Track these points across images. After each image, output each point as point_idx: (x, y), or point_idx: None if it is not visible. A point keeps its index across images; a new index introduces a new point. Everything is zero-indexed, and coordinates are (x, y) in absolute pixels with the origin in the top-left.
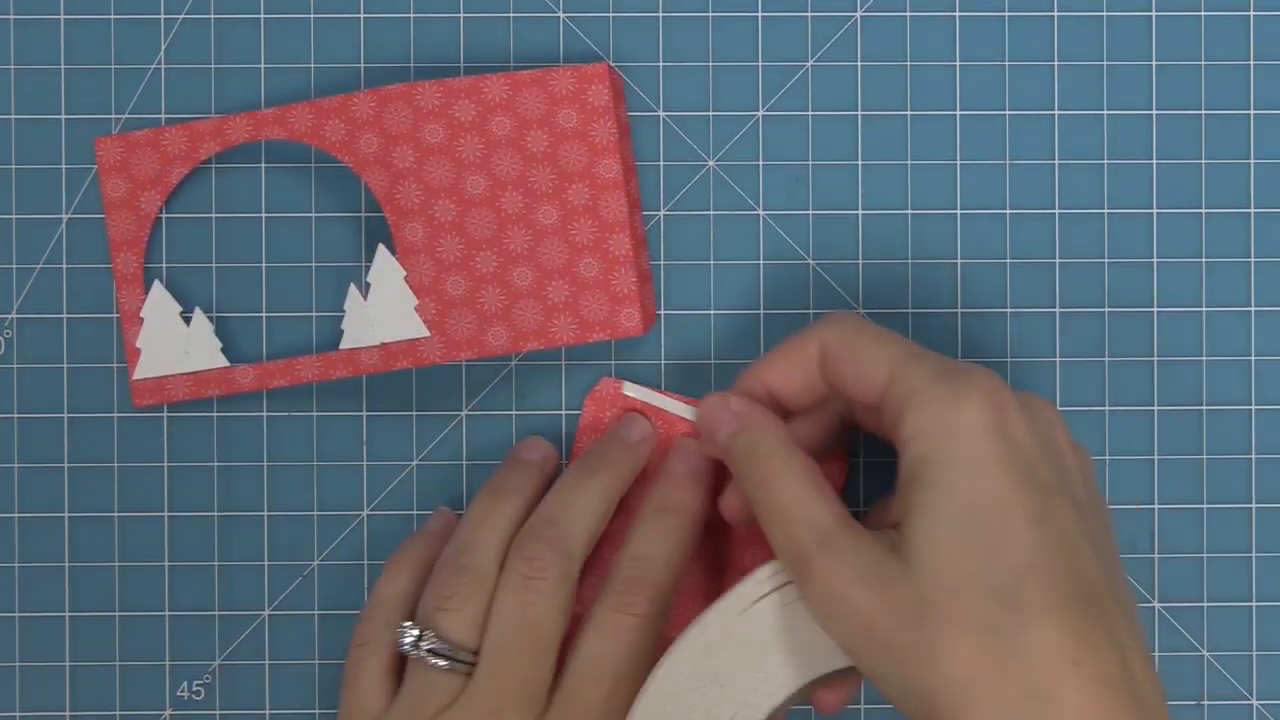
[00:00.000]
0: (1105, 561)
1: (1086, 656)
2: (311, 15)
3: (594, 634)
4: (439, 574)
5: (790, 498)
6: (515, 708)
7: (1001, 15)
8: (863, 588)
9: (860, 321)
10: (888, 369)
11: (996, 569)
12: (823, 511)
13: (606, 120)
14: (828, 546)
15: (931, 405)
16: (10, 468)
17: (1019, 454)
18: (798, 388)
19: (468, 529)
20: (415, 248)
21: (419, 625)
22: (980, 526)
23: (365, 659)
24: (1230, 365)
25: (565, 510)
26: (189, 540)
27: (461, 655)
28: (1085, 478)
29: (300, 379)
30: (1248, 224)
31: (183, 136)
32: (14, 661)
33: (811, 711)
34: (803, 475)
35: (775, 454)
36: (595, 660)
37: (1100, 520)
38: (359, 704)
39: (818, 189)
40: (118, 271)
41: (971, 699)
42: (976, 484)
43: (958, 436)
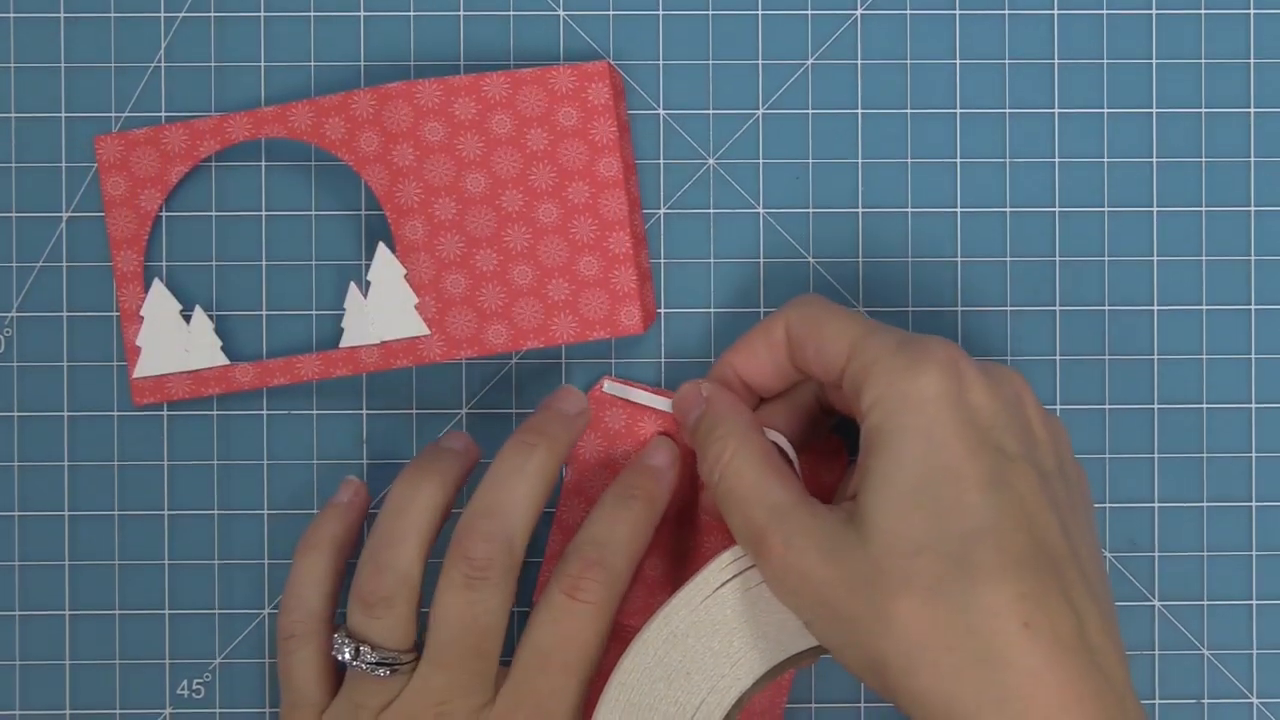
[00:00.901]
0: (1069, 529)
1: (1038, 619)
2: (311, 13)
3: (544, 621)
4: (361, 574)
5: (746, 479)
6: (462, 698)
7: (1001, 14)
8: (818, 561)
9: (823, 302)
10: (848, 344)
11: (947, 534)
12: (778, 491)
13: (607, 118)
14: (783, 523)
15: (888, 376)
16: (10, 466)
17: (976, 421)
18: (768, 373)
19: (387, 520)
20: (415, 246)
21: (352, 638)
22: (932, 493)
23: (295, 651)
24: (1230, 364)
25: (502, 498)
26: (189, 539)
27: (401, 659)
28: (1056, 448)
29: (300, 377)
30: (1248, 222)
31: (183, 134)
32: (14, 660)
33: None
34: (758, 457)
35: (731, 435)
36: (544, 649)
37: (1070, 489)
38: (300, 697)
39: (818, 187)
40: (118, 270)
41: (922, 663)
42: (930, 452)
43: (912, 406)
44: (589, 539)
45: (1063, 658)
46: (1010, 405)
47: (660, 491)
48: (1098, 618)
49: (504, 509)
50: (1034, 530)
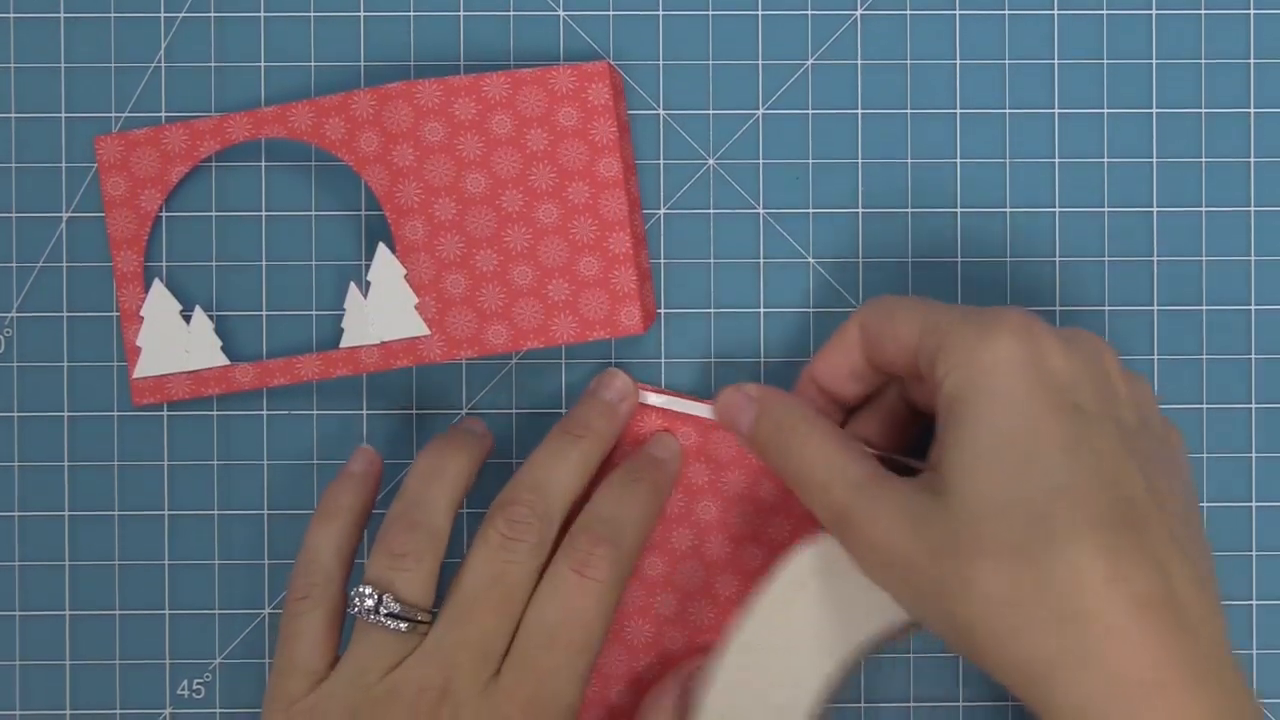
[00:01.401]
0: (1155, 484)
1: (1120, 576)
2: (311, 14)
3: (550, 596)
4: (390, 530)
5: (820, 461)
6: (472, 664)
7: (1001, 14)
8: (900, 531)
9: (894, 296)
10: (919, 324)
11: (1027, 495)
12: (854, 468)
13: (607, 119)
14: (864, 498)
15: (962, 344)
16: (10, 466)
17: (1053, 382)
18: (846, 377)
19: (418, 483)
20: (415, 246)
21: (374, 587)
22: (1011, 455)
23: (305, 613)
24: (1230, 364)
25: (547, 475)
26: (189, 539)
27: (419, 616)
28: (1139, 404)
29: (300, 377)
30: (1248, 222)
31: (183, 135)
32: (14, 660)
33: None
34: (828, 437)
35: (797, 425)
36: (550, 626)
37: (1157, 445)
38: (299, 660)
39: (818, 187)
40: (118, 270)
41: (1007, 626)
42: (1007, 414)
43: (987, 370)
44: (597, 517)
45: (1145, 613)
46: (1089, 364)
47: (665, 480)
48: (1186, 572)
49: (546, 487)
50: (1116, 487)
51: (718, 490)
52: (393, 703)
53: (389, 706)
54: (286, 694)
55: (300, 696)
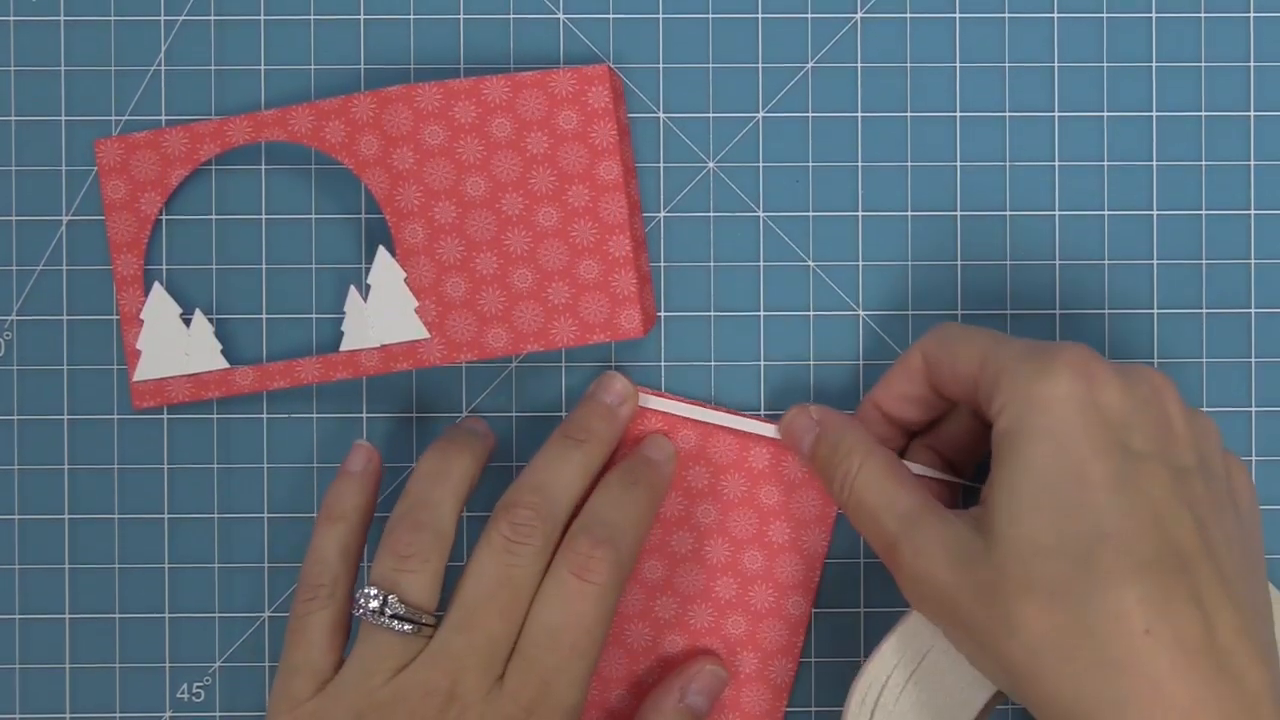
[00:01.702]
0: (1206, 526)
1: (1160, 623)
2: (311, 16)
3: (552, 599)
4: (395, 531)
5: (873, 490)
6: (478, 668)
7: (1001, 16)
8: (946, 566)
9: (958, 324)
10: (979, 355)
11: (1071, 537)
12: (905, 499)
13: (607, 122)
14: (912, 531)
15: (1016, 380)
16: (10, 470)
17: (1106, 421)
18: (910, 404)
19: (422, 484)
20: (415, 249)
21: (379, 588)
22: (1057, 495)
23: (313, 613)
24: (1230, 367)
25: (550, 478)
26: (189, 542)
27: (424, 619)
28: (1198, 444)
29: (300, 380)
30: (1248, 225)
31: (183, 138)
32: (14, 664)
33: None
34: (882, 467)
35: (854, 451)
36: (552, 628)
37: (1213, 485)
38: (305, 661)
39: (818, 190)
40: (118, 273)
41: (1045, 668)
42: (1057, 453)
43: (1040, 408)
44: (595, 519)
45: (1185, 662)
46: (1145, 403)
47: (661, 482)
48: (1232, 619)
49: (550, 489)
50: (1162, 530)
51: (718, 494)
52: (398, 706)
53: (394, 710)
54: (291, 695)
55: (305, 698)
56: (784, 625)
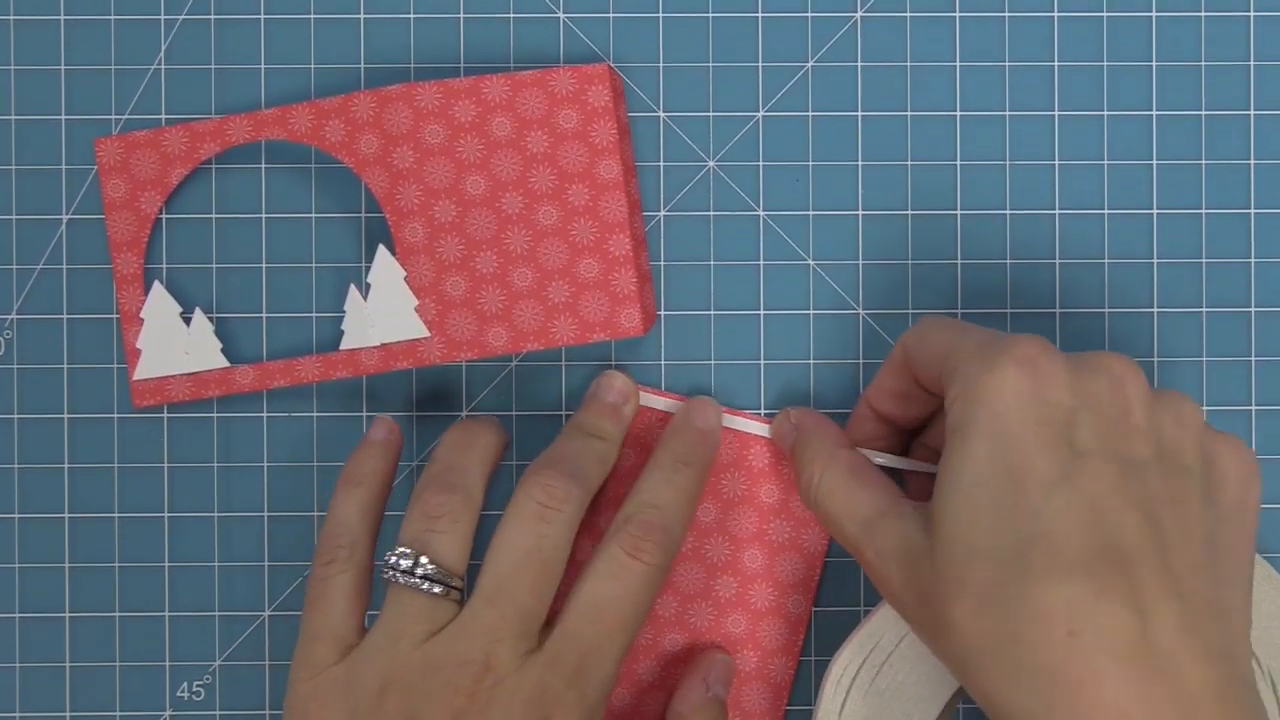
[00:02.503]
0: (1157, 520)
1: (1086, 624)
2: (311, 15)
3: (602, 575)
4: (425, 492)
5: (836, 496)
6: (511, 639)
7: (1001, 15)
8: (897, 569)
9: (938, 317)
10: (944, 350)
11: (1005, 538)
12: (865, 501)
13: (607, 121)
14: (872, 535)
15: (968, 376)
16: (10, 468)
17: (1050, 418)
18: (898, 400)
19: (450, 451)
20: (415, 248)
21: (410, 548)
22: (995, 496)
23: (333, 577)
24: (1230, 365)
25: (573, 451)
26: (189, 541)
27: (454, 581)
28: (1161, 434)
29: (300, 379)
30: (1248, 224)
31: (183, 137)
32: (14, 662)
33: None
34: (844, 471)
35: (818, 454)
36: (599, 603)
37: (1174, 477)
38: (326, 626)
39: (818, 189)
40: (118, 272)
41: (979, 671)
42: (998, 452)
43: (984, 404)
44: (649, 502)
45: (1111, 666)
46: (1095, 397)
47: (711, 455)
48: (1173, 618)
49: (577, 462)
50: (1100, 529)
51: (718, 492)
52: (430, 675)
53: (426, 678)
54: (314, 661)
55: (329, 664)
56: (784, 624)
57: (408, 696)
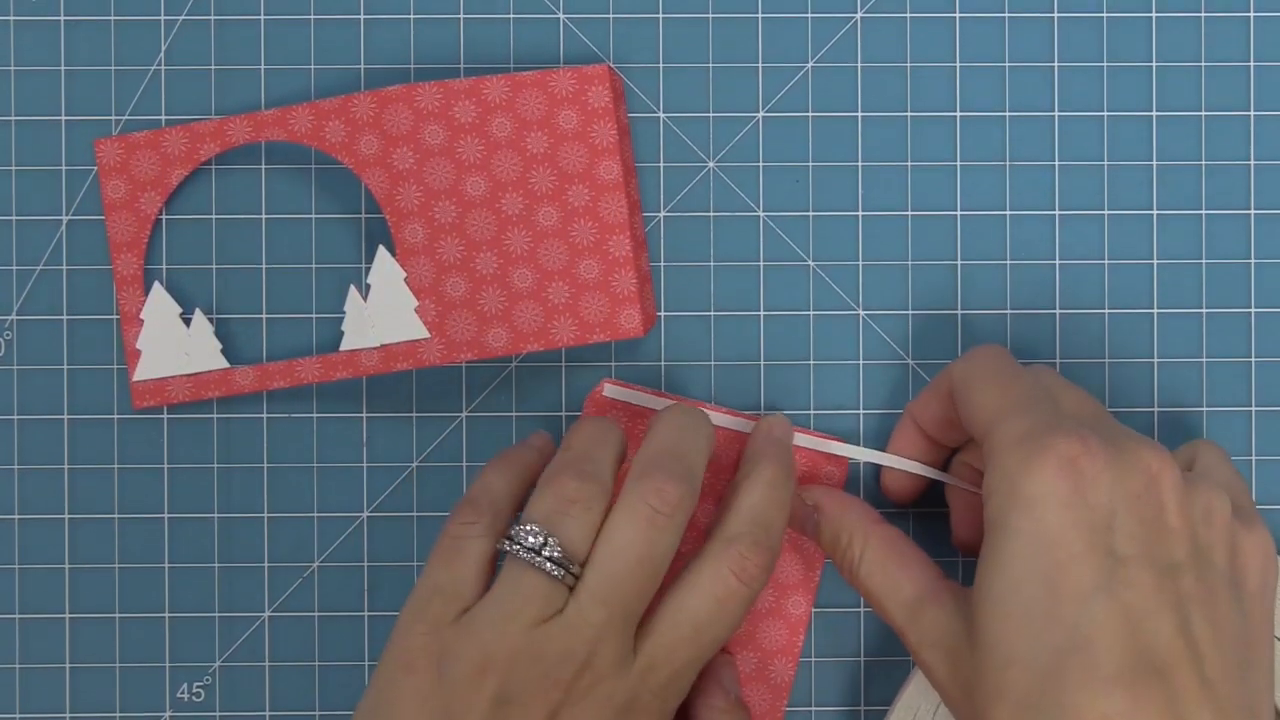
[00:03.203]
0: (1191, 626)
1: None
2: (311, 16)
3: (707, 596)
4: (560, 476)
5: (875, 578)
6: (615, 641)
7: (1001, 16)
8: (942, 661)
9: (986, 360)
10: (985, 422)
11: (1041, 647)
12: (907, 583)
13: (607, 122)
14: (915, 621)
15: (1005, 470)
16: (10, 469)
17: (1089, 522)
18: (940, 423)
19: (585, 443)
20: (415, 249)
21: (541, 527)
22: (1031, 605)
23: (471, 539)
24: (1230, 366)
25: (684, 442)
26: (189, 542)
27: (574, 569)
28: (1195, 534)
29: (300, 380)
30: (1248, 225)
31: (183, 138)
32: (14, 663)
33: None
34: (882, 551)
35: (854, 538)
36: (700, 625)
37: (1209, 577)
38: (451, 583)
39: (818, 190)
40: (118, 273)
41: None
42: (1034, 558)
43: (1022, 505)
44: (759, 521)
45: None
46: (1135, 497)
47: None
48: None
49: (688, 454)
50: (1138, 638)
51: (718, 494)
52: (533, 663)
53: (528, 665)
54: (432, 615)
55: (445, 622)
56: (784, 625)
57: (507, 680)
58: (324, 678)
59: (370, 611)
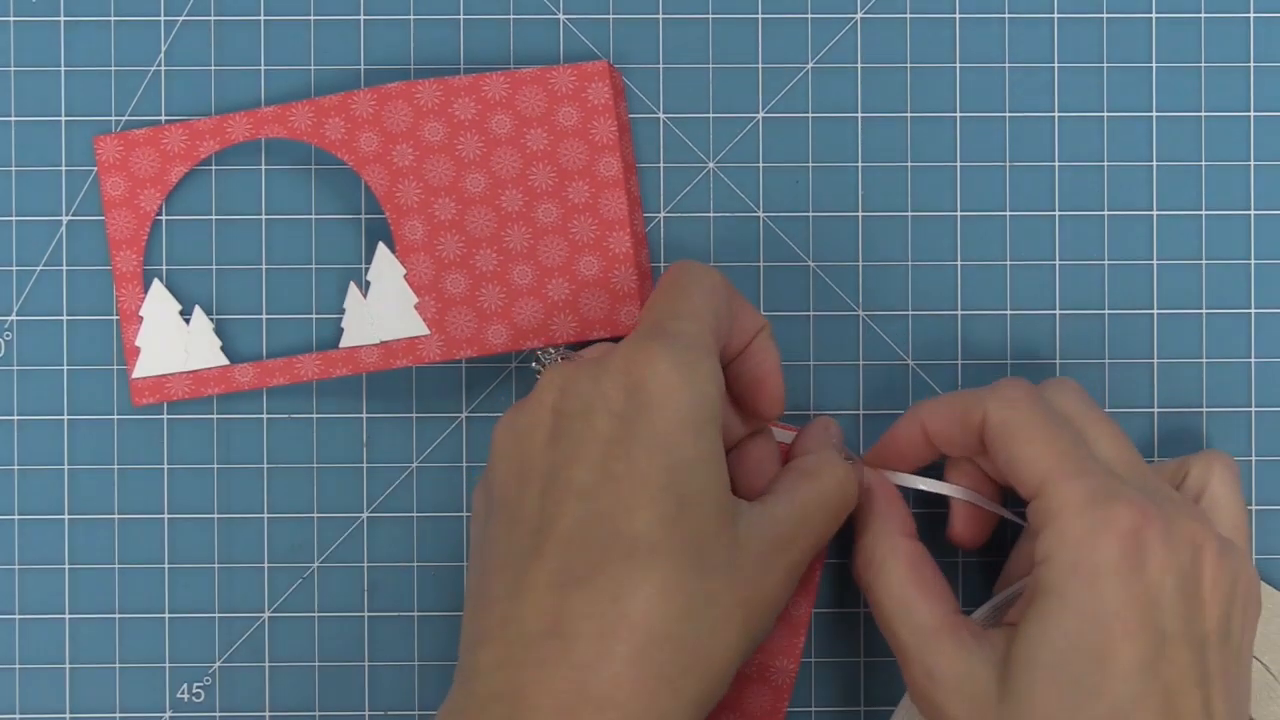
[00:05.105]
0: (1212, 705)
1: None
2: (311, 17)
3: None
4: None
5: (892, 594)
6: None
7: (1002, 16)
8: (956, 702)
9: (1026, 410)
10: (1038, 481)
11: (1084, 717)
12: (924, 609)
13: (607, 118)
14: (926, 652)
15: (1065, 535)
16: (10, 469)
17: (1144, 597)
18: (957, 444)
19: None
20: (415, 246)
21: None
22: (1077, 675)
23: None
24: (1230, 367)
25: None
26: (189, 542)
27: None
28: (1221, 604)
29: (300, 377)
30: (1248, 225)
31: (182, 135)
32: (14, 663)
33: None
34: (905, 569)
35: (881, 540)
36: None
37: (1228, 649)
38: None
39: (818, 191)
40: (117, 270)
41: None
42: (1087, 628)
43: (1082, 576)
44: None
45: None
46: (1185, 570)
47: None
48: None
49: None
50: (1168, 715)
51: None
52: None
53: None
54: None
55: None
56: (784, 626)
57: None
58: (324, 678)
59: (370, 612)
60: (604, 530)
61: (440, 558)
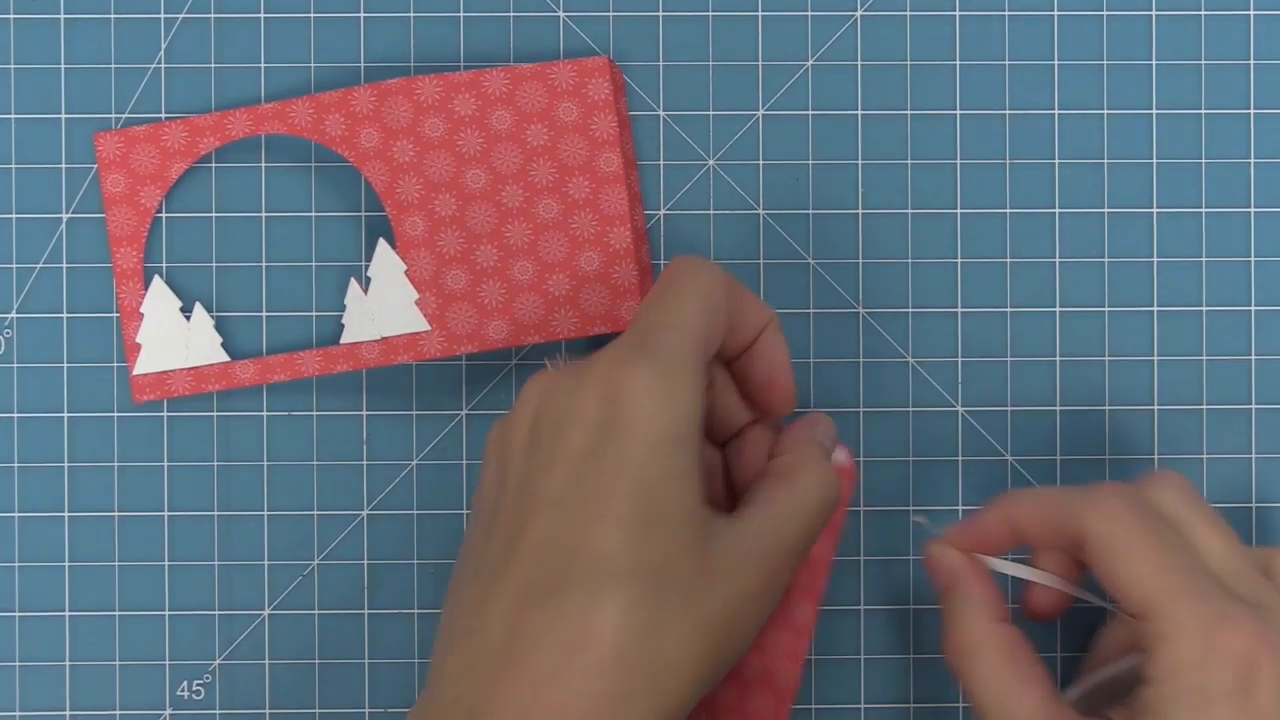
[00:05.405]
0: None
1: None
2: (311, 15)
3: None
4: None
5: (988, 685)
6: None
7: (1002, 15)
8: None
9: (1129, 522)
10: (1147, 602)
11: None
12: (1023, 700)
13: (607, 113)
14: None
15: (1177, 660)
16: (10, 467)
17: (1246, 714)
18: (1046, 541)
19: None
20: (415, 242)
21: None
22: None
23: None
24: (1230, 365)
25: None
26: (189, 540)
27: None
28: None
29: (301, 373)
30: (1248, 224)
31: (182, 131)
32: (14, 661)
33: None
34: (1000, 658)
35: (973, 626)
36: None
37: None
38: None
39: (818, 189)
40: (117, 266)
41: None
42: None
43: (1196, 702)
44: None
45: None
46: (1275, 691)
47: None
48: None
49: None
50: None
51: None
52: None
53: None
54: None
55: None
56: (787, 631)
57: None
58: (324, 676)
59: (370, 610)
60: (571, 543)
61: (440, 555)
